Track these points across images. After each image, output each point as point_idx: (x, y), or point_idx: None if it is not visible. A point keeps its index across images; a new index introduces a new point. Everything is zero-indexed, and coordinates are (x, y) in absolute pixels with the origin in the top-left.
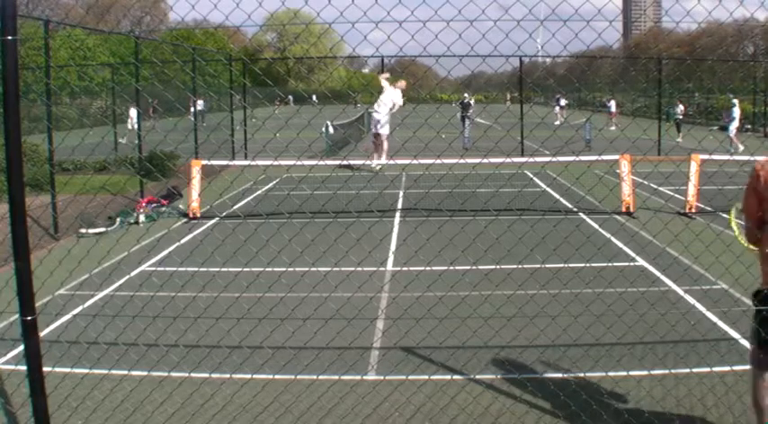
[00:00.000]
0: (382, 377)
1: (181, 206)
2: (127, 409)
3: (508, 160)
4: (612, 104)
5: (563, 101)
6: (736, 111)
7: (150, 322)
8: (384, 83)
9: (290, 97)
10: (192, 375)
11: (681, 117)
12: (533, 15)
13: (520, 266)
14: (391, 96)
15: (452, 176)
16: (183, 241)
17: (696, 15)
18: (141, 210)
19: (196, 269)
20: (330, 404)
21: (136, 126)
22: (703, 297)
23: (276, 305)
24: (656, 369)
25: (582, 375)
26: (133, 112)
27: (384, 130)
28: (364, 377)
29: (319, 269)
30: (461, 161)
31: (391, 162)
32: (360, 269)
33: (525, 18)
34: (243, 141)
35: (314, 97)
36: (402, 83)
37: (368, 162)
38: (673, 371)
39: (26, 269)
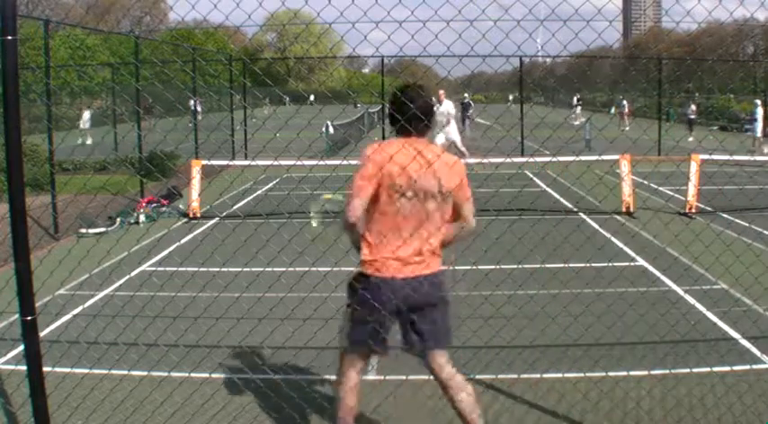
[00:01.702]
0: (382, 377)
1: (181, 206)
2: (127, 409)
3: (508, 160)
4: (625, 104)
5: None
6: (760, 112)
7: (150, 322)
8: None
9: (287, 98)
10: (192, 375)
11: (693, 116)
12: (533, 15)
13: (520, 266)
14: (446, 107)
15: None
16: (183, 241)
17: (696, 15)
18: (141, 210)
19: (196, 269)
20: (330, 404)
21: (87, 125)
22: (703, 297)
23: (276, 305)
24: (656, 369)
25: (582, 375)
26: (86, 114)
27: (456, 138)
28: (364, 377)
29: (319, 269)
30: (461, 161)
31: None
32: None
33: (525, 18)
34: (243, 141)
35: (311, 97)
36: (442, 94)
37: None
38: (673, 371)
39: (26, 269)
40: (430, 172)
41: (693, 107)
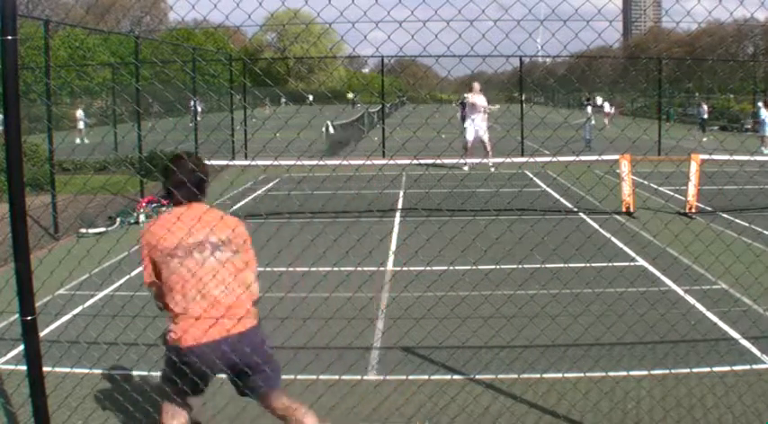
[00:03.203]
0: (382, 377)
1: None
2: (127, 409)
3: (508, 160)
4: (606, 105)
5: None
6: (765, 113)
7: (150, 322)
8: (474, 97)
9: (283, 98)
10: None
11: (705, 117)
12: (533, 15)
13: (520, 266)
14: (481, 102)
15: (452, 176)
16: None
17: (696, 15)
18: (141, 210)
19: None
20: (330, 404)
21: (82, 125)
22: (703, 297)
23: (276, 305)
24: (656, 369)
25: (582, 375)
26: (79, 113)
27: (485, 136)
28: (364, 377)
29: (319, 269)
30: (461, 161)
31: (391, 162)
32: (360, 269)
33: (525, 18)
34: (243, 141)
35: (310, 97)
36: (476, 87)
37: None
38: (673, 371)
39: (26, 269)
40: (198, 226)
41: (705, 107)
